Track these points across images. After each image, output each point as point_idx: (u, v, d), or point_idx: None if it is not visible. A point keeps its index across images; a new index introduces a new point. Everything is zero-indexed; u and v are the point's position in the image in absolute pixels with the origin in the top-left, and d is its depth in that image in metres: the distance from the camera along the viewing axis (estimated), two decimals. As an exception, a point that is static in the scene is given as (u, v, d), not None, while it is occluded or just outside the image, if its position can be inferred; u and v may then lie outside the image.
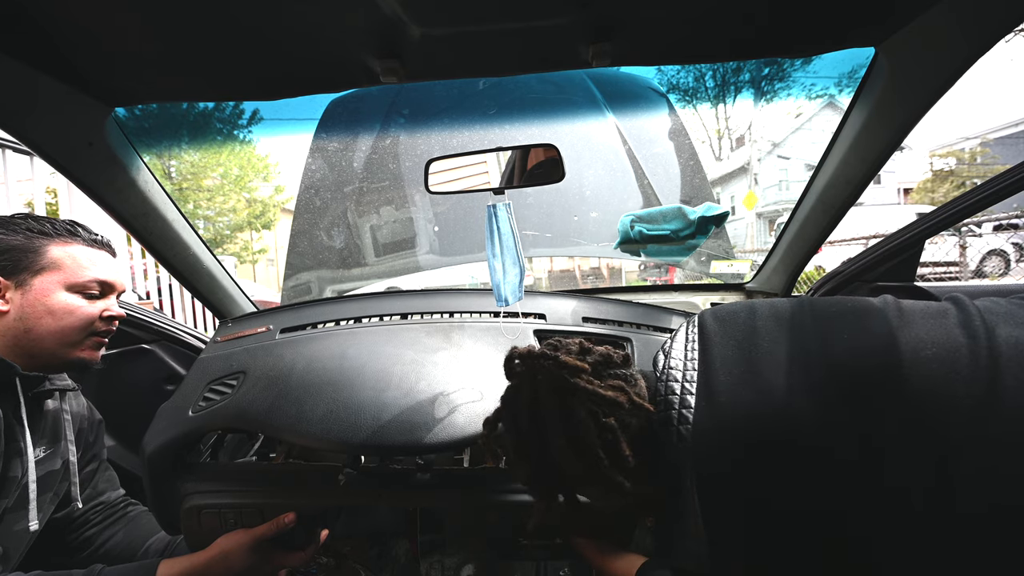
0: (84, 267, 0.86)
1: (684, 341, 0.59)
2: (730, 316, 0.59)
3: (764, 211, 18.72)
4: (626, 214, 1.35)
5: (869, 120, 0.86)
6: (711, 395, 0.52)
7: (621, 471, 0.55)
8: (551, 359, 0.55)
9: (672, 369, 0.57)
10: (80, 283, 0.85)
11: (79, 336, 0.86)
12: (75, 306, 0.85)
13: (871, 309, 0.52)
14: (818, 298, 0.57)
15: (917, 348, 0.46)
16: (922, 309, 0.51)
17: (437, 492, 0.84)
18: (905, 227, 1.06)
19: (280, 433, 0.81)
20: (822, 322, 0.52)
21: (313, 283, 1.77)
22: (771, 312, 0.56)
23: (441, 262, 1.77)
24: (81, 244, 0.88)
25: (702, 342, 0.57)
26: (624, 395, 0.55)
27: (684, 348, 0.58)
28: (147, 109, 1.39)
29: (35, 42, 0.68)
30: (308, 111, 1.70)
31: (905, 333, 0.48)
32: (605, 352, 0.59)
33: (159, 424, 0.90)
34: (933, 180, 18.12)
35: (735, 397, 0.50)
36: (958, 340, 0.46)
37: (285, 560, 0.84)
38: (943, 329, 0.47)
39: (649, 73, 4.83)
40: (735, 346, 0.54)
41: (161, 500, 0.87)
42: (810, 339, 0.51)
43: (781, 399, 0.48)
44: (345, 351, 0.96)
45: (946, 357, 0.45)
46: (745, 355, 0.53)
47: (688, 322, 0.62)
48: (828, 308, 0.54)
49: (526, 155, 1.02)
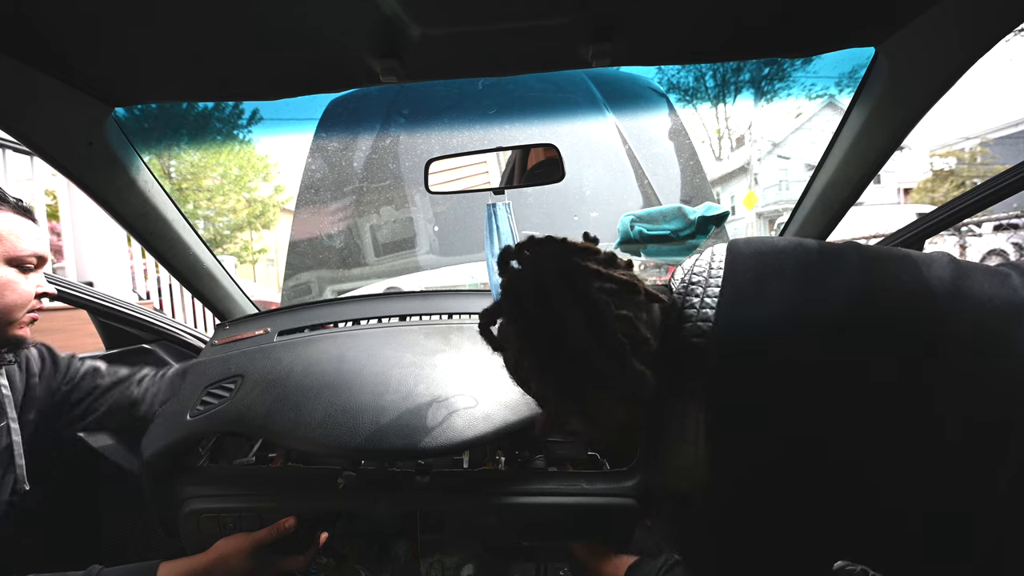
0: (20, 238, 0.77)
1: (709, 255, 0.57)
2: (765, 242, 0.57)
3: (764, 211, 18.72)
4: (626, 214, 1.35)
5: (869, 120, 0.86)
6: (737, 301, 0.50)
7: (642, 360, 0.51)
8: (558, 242, 0.53)
9: (694, 274, 0.54)
10: (19, 256, 0.77)
11: (18, 314, 0.78)
12: (14, 281, 0.77)
13: (930, 259, 0.51)
14: (869, 244, 0.57)
15: (982, 300, 0.46)
16: (983, 268, 0.50)
17: (436, 495, 0.83)
18: (905, 227, 1.06)
19: (278, 437, 0.81)
20: (873, 262, 0.51)
21: (313, 283, 1.77)
22: (817, 245, 0.54)
23: (441, 262, 1.77)
24: (10, 211, 0.78)
25: (730, 256, 0.55)
26: (639, 282, 0.52)
27: (709, 261, 0.56)
28: (147, 109, 1.39)
29: (35, 42, 0.68)
30: (308, 111, 1.71)
31: (968, 284, 0.47)
32: (610, 252, 0.56)
33: (157, 428, 0.89)
34: (933, 180, 18.11)
35: (759, 307, 0.48)
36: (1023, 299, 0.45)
37: (284, 564, 0.84)
38: (1007, 288, 0.47)
39: (649, 73, 4.83)
40: (769, 264, 0.52)
41: (160, 504, 0.87)
42: (858, 275, 0.49)
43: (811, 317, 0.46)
44: (343, 354, 0.95)
45: (1011, 312, 0.45)
46: (779, 273, 0.51)
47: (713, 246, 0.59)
48: (882, 252, 0.53)
49: (526, 155, 1.02)
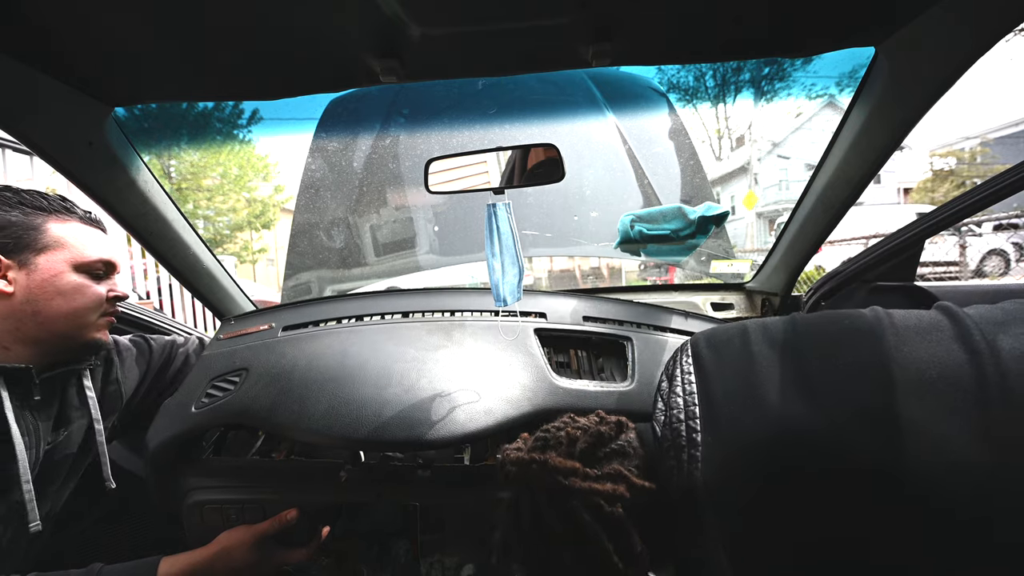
0: (88, 246, 0.82)
1: (680, 375, 0.58)
2: (725, 343, 0.57)
3: (764, 211, 18.73)
4: (626, 214, 1.35)
5: (869, 120, 0.86)
6: (717, 429, 0.50)
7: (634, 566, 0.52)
8: (539, 463, 0.54)
9: (673, 409, 0.55)
10: (87, 262, 0.82)
11: (92, 316, 0.83)
12: (85, 285, 0.81)
13: (863, 326, 0.50)
14: (807, 316, 0.56)
15: (921, 370, 0.44)
16: (915, 324, 0.48)
17: (438, 489, 0.84)
18: (905, 227, 1.06)
19: (282, 429, 0.82)
20: (815, 342, 0.51)
21: (313, 283, 1.77)
22: (764, 335, 0.55)
23: (441, 262, 1.77)
24: (78, 221, 0.83)
25: (699, 373, 0.56)
26: (622, 483, 0.53)
27: (681, 382, 0.57)
28: (147, 109, 1.39)
29: (35, 42, 0.68)
30: (308, 111, 1.70)
31: (904, 353, 0.45)
32: (595, 431, 0.57)
33: (162, 420, 0.90)
34: (933, 180, 18.12)
35: (740, 427, 0.49)
36: (959, 357, 0.43)
37: (286, 557, 0.84)
38: (941, 346, 0.45)
39: (649, 73, 4.83)
40: (732, 372, 0.53)
41: (164, 496, 0.88)
42: (807, 361, 0.49)
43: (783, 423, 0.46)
44: (347, 349, 0.96)
45: (951, 376, 0.42)
46: (745, 381, 0.51)
47: (680, 352, 0.60)
48: (821, 327, 0.53)
49: (526, 155, 1.02)
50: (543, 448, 0.57)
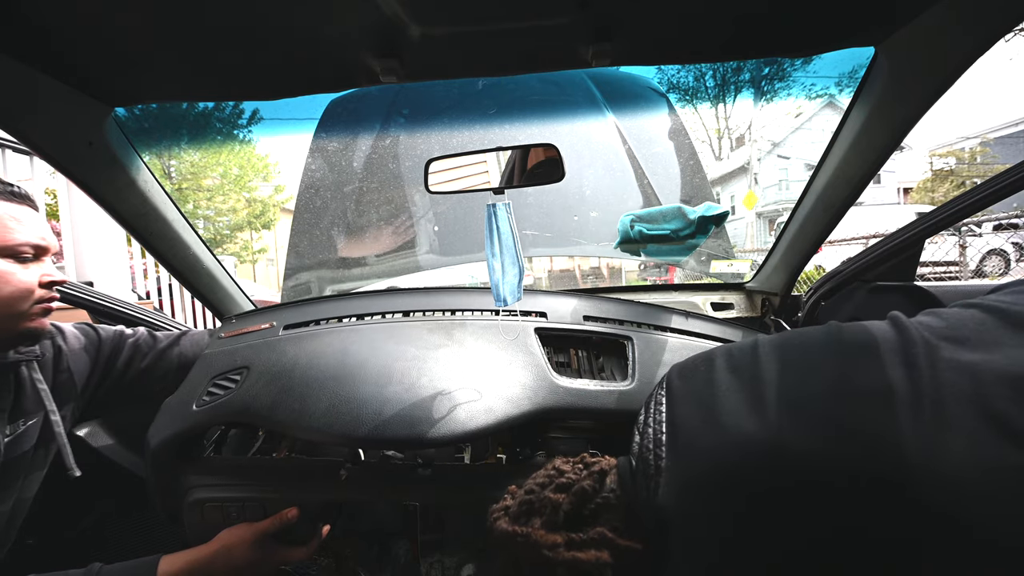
0: (11, 227, 0.74)
1: (654, 405, 0.59)
2: (691, 371, 0.59)
3: (764, 211, 18.74)
4: (626, 214, 1.35)
5: (869, 120, 0.86)
6: (677, 454, 0.52)
7: None
8: (523, 536, 0.54)
9: (645, 439, 0.56)
10: (9, 246, 0.73)
11: (23, 306, 0.76)
12: (9, 273, 0.73)
13: (814, 345, 0.52)
14: (769, 338, 0.57)
15: (858, 388, 0.45)
16: (862, 340, 0.49)
17: (438, 488, 0.84)
18: (905, 227, 1.06)
19: (283, 427, 0.82)
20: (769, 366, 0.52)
21: (313, 283, 1.77)
22: (727, 361, 0.57)
23: (441, 262, 1.77)
24: (0, 199, 0.75)
25: (669, 402, 0.58)
26: (605, 550, 0.53)
27: (654, 411, 0.58)
28: (147, 109, 1.39)
29: (35, 42, 0.68)
30: (308, 111, 1.70)
31: (845, 371, 0.47)
32: (578, 488, 0.57)
33: (163, 418, 0.90)
34: (933, 180, 18.13)
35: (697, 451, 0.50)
36: (897, 374, 0.44)
37: (287, 556, 0.84)
38: (880, 363, 0.45)
39: (649, 73, 4.83)
40: (696, 399, 0.55)
41: (164, 494, 0.88)
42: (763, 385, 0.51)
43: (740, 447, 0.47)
44: (347, 347, 0.96)
45: (888, 395, 0.43)
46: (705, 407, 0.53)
47: (659, 384, 0.62)
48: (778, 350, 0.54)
49: (526, 155, 1.02)
50: (528, 514, 0.57)
